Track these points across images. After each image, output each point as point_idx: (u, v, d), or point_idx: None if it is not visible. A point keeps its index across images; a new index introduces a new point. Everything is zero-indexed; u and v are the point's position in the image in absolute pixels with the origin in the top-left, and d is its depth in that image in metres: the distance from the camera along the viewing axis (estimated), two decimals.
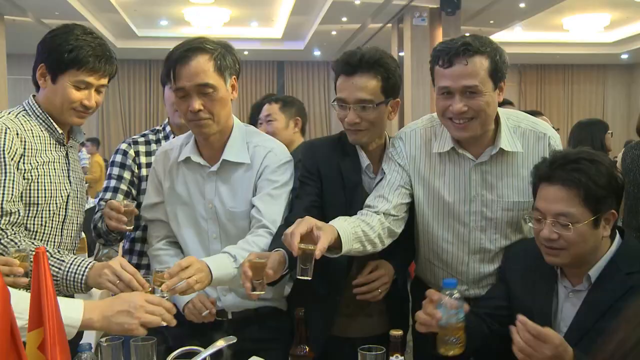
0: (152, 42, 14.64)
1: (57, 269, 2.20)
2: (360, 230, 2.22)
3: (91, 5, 11.90)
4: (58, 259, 2.23)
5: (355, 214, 2.34)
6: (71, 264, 2.22)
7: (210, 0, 11.32)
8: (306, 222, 2.05)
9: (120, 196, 2.75)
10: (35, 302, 1.48)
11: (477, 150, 2.35)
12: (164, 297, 2.12)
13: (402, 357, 1.90)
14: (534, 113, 5.06)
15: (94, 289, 2.25)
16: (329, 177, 2.49)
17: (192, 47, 2.37)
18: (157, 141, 2.91)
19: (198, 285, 2.14)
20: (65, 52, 2.34)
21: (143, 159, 2.84)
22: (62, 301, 1.58)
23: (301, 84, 18.55)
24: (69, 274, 2.20)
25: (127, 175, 2.80)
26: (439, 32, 12.04)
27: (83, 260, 2.26)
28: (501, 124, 2.35)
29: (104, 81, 2.44)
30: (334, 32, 14.84)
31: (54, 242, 2.41)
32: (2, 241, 2.20)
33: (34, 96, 2.46)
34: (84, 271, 2.19)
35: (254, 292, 2.05)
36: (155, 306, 1.97)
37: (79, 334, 2.04)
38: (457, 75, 2.21)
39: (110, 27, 13.97)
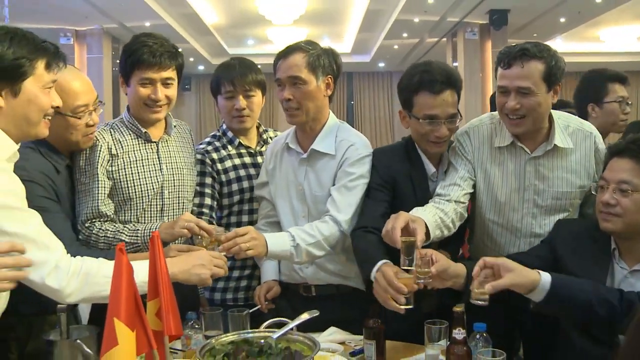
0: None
1: (135, 237, 2.24)
2: (438, 217, 2.19)
3: (192, 30, 12.27)
4: (133, 229, 2.27)
5: None
6: (144, 229, 2.26)
7: (289, 22, 11.20)
8: (403, 217, 2.02)
9: (207, 200, 2.62)
10: (152, 277, 1.50)
11: (532, 145, 2.31)
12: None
13: (464, 331, 1.83)
14: (564, 104, 5.06)
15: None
16: (402, 185, 2.40)
17: (293, 47, 2.41)
18: (224, 146, 2.74)
19: (250, 252, 2.16)
20: (127, 57, 2.35)
21: (219, 166, 2.68)
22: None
23: (367, 92, 18.36)
24: (145, 237, 2.24)
25: (208, 180, 2.65)
26: (488, 45, 11.96)
27: (152, 224, 2.32)
28: (554, 123, 2.30)
29: (166, 74, 2.36)
30: (396, 46, 14.70)
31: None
32: (93, 231, 2.25)
33: (128, 108, 2.47)
34: (156, 229, 2.23)
35: (404, 306, 1.94)
36: (219, 260, 2.06)
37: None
38: (513, 76, 2.19)
39: (207, 47, 14.21)
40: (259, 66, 2.85)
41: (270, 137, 2.86)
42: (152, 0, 10.30)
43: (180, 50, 2.45)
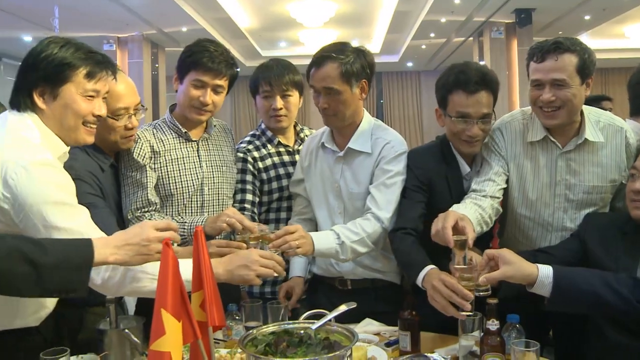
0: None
1: (182, 230, 2.25)
2: (478, 214, 2.16)
3: (226, 33, 12.37)
4: (181, 222, 2.28)
5: None
6: (191, 222, 2.27)
7: (320, 24, 11.32)
8: (452, 216, 1.98)
9: (249, 196, 2.62)
10: (196, 270, 1.50)
11: (564, 140, 2.27)
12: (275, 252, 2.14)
13: (498, 322, 1.81)
14: (601, 98, 4.77)
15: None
16: (438, 185, 2.38)
17: (325, 55, 2.36)
18: (264, 145, 2.73)
19: (300, 250, 2.14)
20: (187, 57, 2.37)
21: (260, 164, 2.67)
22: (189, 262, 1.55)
23: (396, 91, 18.33)
24: (192, 230, 2.23)
25: (249, 177, 2.64)
26: (514, 43, 11.86)
27: (199, 217, 2.34)
28: (585, 117, 2.27)
29: (219, 82, 2.38)
30: (423, 46, 14.68)
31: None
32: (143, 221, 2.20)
33: (170, 109, 2.51)
34: (202, 223, 2.23)
35: (466, 313, 1.91)
36: (268, 260, 1.97)
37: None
38: (548, 69, 2.15)
39: (241, 50, 14.30)
40: None
41: (307, 136, 2.85)
42: (189, 7, 10.41)
43: (235, 62, 2.46)
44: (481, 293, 1.88)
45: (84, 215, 1.77)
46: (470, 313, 1.90)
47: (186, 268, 1.46)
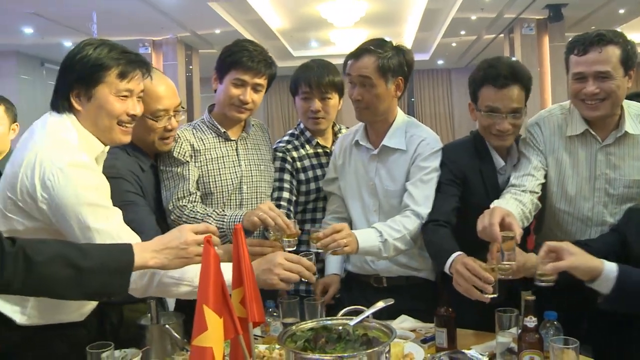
0: (305, 60, 14.88)
1: (222, 222, 2.22)
2: (520, 209, 2.13)
3: (258, 35, 12.41)
4: (221, 214, 2.25)
5: None
6: (231, 216, 2.24)
7: (350, 24, 11.27)
8: (498, 212, 1.94)
9: (286, 194, 2.59)
10: (236, 267, 1.50)
11: (604, 134, 2.23)
12: (318, 252, 2.16)
13: (535, 319, 1.77)
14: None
15: None
16: (472, 179, 2.35)
17: (364, 48, 2.36)
18: (302, 145, 2.71)
19: (347, 248, 2.13)
20: (227, 56, 2.37)
21: (298, 164, 2.66)
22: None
23: (427, 89, 18.28)
24: (231, 224, 2.20)
25: (287, 176, 2.62)
26: (545, 39, 11.71)
27: (238, 211, 2.30)
28: (624, 110, 2.24)
29: (259, 80, 2.38)
30: (454, 44, 14.63)
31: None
32: (185, 212, 2.27)
33: (209, 109, 2.52)
34: (240, 217, 2.20)
35: (490, 295, 1.90)
36: (293, 264, 1.91)
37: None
38: (592, 61, 2.12)
39: (273, 51, 14.12)
40: None
41: None
42: (221, 9, 10.50)
43: (274, 61, 2.46)
44: (543, 283, 1.85)
45: (117, 217, 1.79)
46: (494, 295, 1.89)
47: (225, 270, 1.46)
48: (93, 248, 1.63)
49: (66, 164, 1.72)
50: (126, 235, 1.77)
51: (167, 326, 1.91)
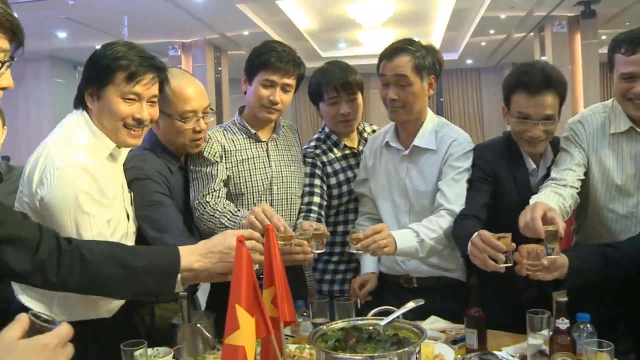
0: (336, 59, 14.86)
1: (233, 223, 2.21)
2: (560, 203, 2.08)
3: (287, 36, 12.45)
4: (235, 214, 2.24)
5: None
6: (242, 216, 2.21)
7: (378, 24, 11.25)
8: (540, 206, 1.89)
9: (316, 198, 2.56)
10: (267, 267, 1.52)
11: None
12: (359, 252, 2.17)
13: (567, 320, 1.73)
14: None
15: None
16: (504, 181, 2.33)
17: (398, 47, 2.36)
18: (330, 149, 2.71)
19: (386, 249, 2.11)
20: (255, 58, 2.38)
21: (329, 169, 2.66)
22: None
23: (456, 89, 18.16)
24: (242, 222, 2.17)
25: (317, 182, 2.61)
26: (577, 37, 11.51)
27: (247, 212, 2.23)
28: None
29: (288, 80, 2.39)
30: (483, 43, 14.50)
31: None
32: (206, 209, 2.27)
33: (239, 111, 2.52)
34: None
35: (503, 265, 1.89)
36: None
37: None
38: None
39: (301, 52, 13.82)
40: None
41: (368, 134, 2.82)
42: (250, 11, 10.56)
43: (302, 62, 2.46)
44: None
45: (97, 227, 1.80)
46: (509, 264, 1.88)
47: None
48: (142, 250, 1.70)
49: (63, 164, 1.76)
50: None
51: (198, 325, 1.93)
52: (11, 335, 0.99)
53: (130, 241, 2.02)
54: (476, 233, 1.98)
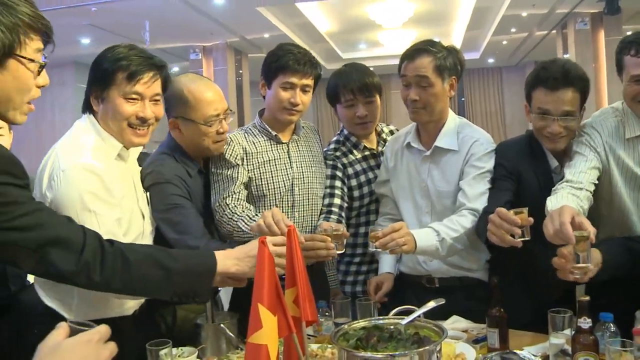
0: (353, 61, 14.86)
1: (249, 227, 2.18)
2: (579, 207, 2.02)
3: (307, 38, 12.53)
4: (252, 218, 2.24)
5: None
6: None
7: (399, 25, 11.19)
8: (567, 211, 1.79)
9: (337, 200, 2.58)
10: (289, 267, 1.55)
11: None
12: (378, 251, 2.16)
13: (590, 320, 1.72)
14: None
15: None
16: (526, 178, 2.33)
17: (419, 49, 2.38)
18: (350, 151, 2.73)
19: (405, 247, 2.12)
20: (273, 62, 2.40)
21: (350, 170, 2.68)
22: None
23: (478, 89, 18.02)
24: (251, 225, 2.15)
25: (338, 183, 2.63)
26: (600, 34, 11.34)
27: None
28: None
29: (307, 81, 2.41)
30: (504, 42, 14.34)
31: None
32: (226, 212, 2.27)
33: (259, 113, 2.55)
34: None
35: (520, 239, 1.90)
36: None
37: None
38: None
39: (322, 53, 14.34)
40: (372, 69, 2.81)
41: (387, 134, 2.84)
42: (270, 14, 10.61)
43: (318, 62, 2.49)
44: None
45: (105, 225, 1.82)
46: (526, 238, 1.89)
47: None
48: (180, 253, 1.76)
49: (69, 166, 1.80)
50: None
51: (222, 325, 1.97)
52: (55, 339, 1.07)
53: (146, 240, 2.07)
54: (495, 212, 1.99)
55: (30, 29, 1.39)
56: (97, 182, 1.83)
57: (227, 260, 1.76)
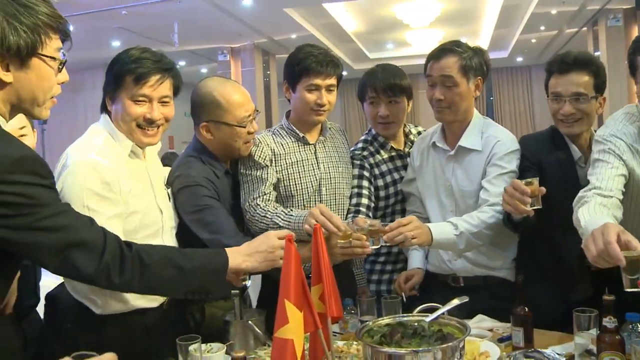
0: (381, 62, 14.75)
1: (288, 222, 2.25)
2: (613, 218, 1.87)
3: (334, 38, 12.57)
4: (288, 214, 2.29)
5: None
6: (297, 216, 2.25)
7: (426, 24, 11.17)
8: (613, 229, 1.61)
9: (364, 200, 2.61)
10: (315, 265, 1.58)
11: None
12: (386, 245, 2.20)
13: (615, 319, 1.70)
14: None
15: None
16: (549, 169, 2.33)
17: (445, 49, 2.41)
18: (377, 151, 2.75)
19: (415, 240, 2.14)
20: (295, 65, 2.42)
21: (377, 170, 2.70)
22: None
23: (506, 87, 17.80)
24: (296, 224, 2.22)
25: (365, 183, 2.65)
26: (634, 30, 11.02)
27: (304, 212, 2.27)
28: None
29: (330, 81, 2.43)
30: (533, 40, 14.12)
31: None
32: (257, 211, 2.32)
33: (286, 115, 2.57)
34: (303, 217, 2.21)
35: (531, 207, 1.98)
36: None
37: None
38: None
39: (349, 54, 14.40)
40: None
41: (414, 135, 2.86)
42: (297, 14, 10.66)
43: (339, 61, 2.51)
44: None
45: (100, 222, 1.83)
46: (540, 207, 2.04)
47: None
48: (193, 252, 1.81)
49: (74, 163, 1.89)
50: None
51: (250, 322, 2.01)
52: None
53: (167, 236, 2.13)
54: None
55: (49, 28, 1.45)
56: (96, 178, 1.89)
57: (238, 256, 1.83)
